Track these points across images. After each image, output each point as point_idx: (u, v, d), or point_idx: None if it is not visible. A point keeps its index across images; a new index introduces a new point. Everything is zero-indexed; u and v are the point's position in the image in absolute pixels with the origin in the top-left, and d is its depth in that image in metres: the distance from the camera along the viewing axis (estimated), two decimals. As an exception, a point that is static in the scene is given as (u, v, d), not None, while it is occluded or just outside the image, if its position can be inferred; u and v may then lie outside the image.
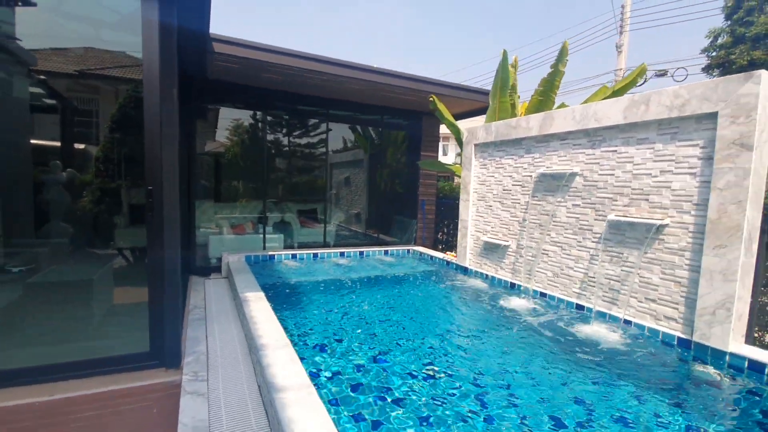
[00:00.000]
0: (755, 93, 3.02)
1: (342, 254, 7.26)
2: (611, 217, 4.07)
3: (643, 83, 14.53)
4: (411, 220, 8.74)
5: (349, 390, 2.83)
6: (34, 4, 4.91)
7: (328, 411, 2.25)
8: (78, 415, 2.68)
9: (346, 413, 2.54)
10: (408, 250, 7.81)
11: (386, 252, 7.63)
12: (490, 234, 5.80)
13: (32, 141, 7.29)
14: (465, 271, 6.17)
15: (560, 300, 4.61)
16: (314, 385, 2.53)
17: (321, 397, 2.41)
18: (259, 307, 4.11)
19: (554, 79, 5.65)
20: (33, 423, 2.57)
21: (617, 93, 5.42)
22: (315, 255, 7.06)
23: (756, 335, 4.14)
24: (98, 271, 4.75)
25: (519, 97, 6.57)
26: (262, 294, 4.53)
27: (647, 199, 3.80)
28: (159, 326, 3.35)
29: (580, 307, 4.37)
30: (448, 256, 6.84)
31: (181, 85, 6.06)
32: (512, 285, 5.28)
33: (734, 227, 3.12)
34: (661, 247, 3.69)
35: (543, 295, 4.85)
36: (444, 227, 8.94)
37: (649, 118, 3.72)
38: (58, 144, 8.05)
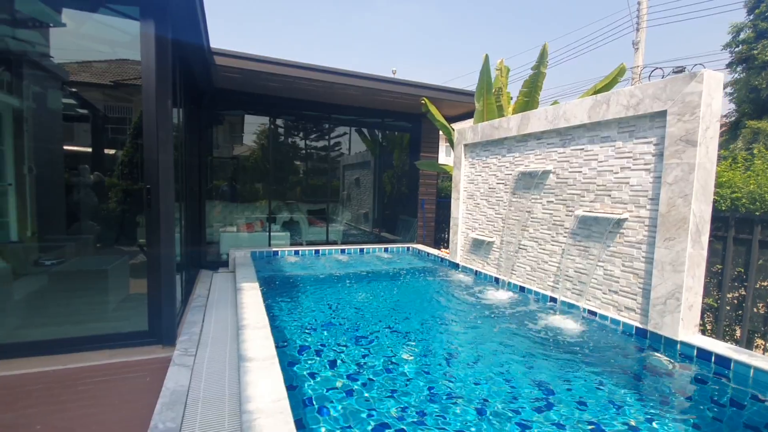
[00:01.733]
0: (699, 92, 3.17)
1: (342, 251, 7.63)
2: (579, 212, 4.25)
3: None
4: (413, 219, 9.02)
5: (324, 362, 3.18)
6: (64, 25, 5.56)
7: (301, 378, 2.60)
8: (86, 381, 3.15)
9: (314, 382, 2.89)
10: (407, 248, 8.10)
11: (386, 249, 7.95)
12: (478, 231, 6.02)
13: (64, 147, 8.08)
14: (455, 266, 6.41)
15: (536, 293, 4.80)
16: (294, 357, 2.90)
17: (295, 365, 2.76)
18: (250, 295, 4.53)
19: (537, 80, 5.82)
20: (48, 387, 3.05)
21: (599, 92, 5.53)
22: (316, 251, 7.46)
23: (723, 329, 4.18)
24: (114, 263, 5.29)
25: (511, 98, 6.74)
26: (256, 284, 4.95)
27: (610, 195, 3.97)
28: (157, 309, 3.80)
29: (553, 300, 4.55)
30: (443, 253, 7.09)
31: (192, 94, 6.62)
32: (496, 279, 5.49)
33: (681, 220, 3.27)
34: (621, 240, 3.84)
35: (522, 288, 5.04)
36: (445, 226, 9.17)
37: (610, 117, 3.89)
38: (88, 149, 8.85)
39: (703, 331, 4.37)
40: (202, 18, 4.05)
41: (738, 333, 4.12)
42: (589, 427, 2.40)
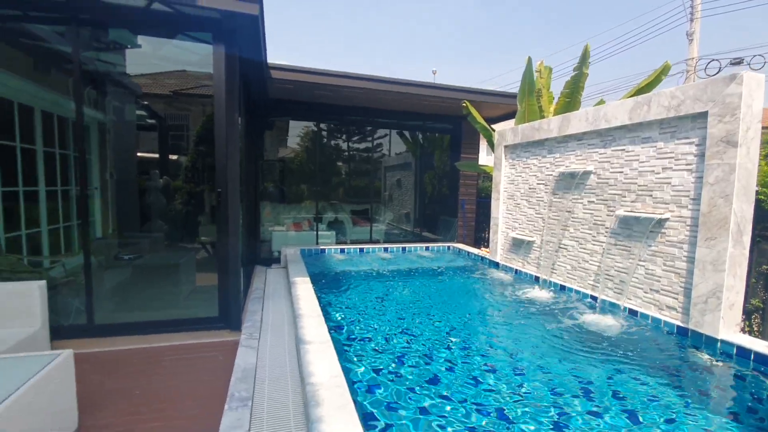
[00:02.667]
0: (738, 93, 3.19)
1: (385, 249, 7.98)
2: (620, 212, 4.31)
3: (717, 73, 13.47)
4: (454, 219, 9.21)
5: (369, 349, 3.53)
6: (140, 46, 6.29)
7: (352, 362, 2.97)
8: (170, 357, 3.69)
9: (363, 366, 3.24)
10: (448, 247, 8.31)
11: (427, 248, 8.20)
12: (518, 230, 6.15)
13: (137, 154, 9.02)
14: (496, 265, 6.56)
15: (577, 291, 4.89)
16: (345, 343, 3.27)
17: (345, 351, 3.13)
18: (303, 288, 4.96)
19: (579, 81, 5.85)
20: (141, 361, 3.61)
21: (642, 90, 5.49)
22: (361, 249, 7.85)
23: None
24: (183, 258, 5.95)
25: (553, 98, 6.78)
26: (307, 279, 5.40)
27: (651, 195, 4.02)
28: (225, 299, 4.31)
29: (594, 298, 4.63)
30: (483, 252, 7.24)
31: (249, 105, 7.21)
32: (536, 278, 5.60)
33: (722, 220, 3.30)
34: (663, 240, 3.89)
35: (563, 287, 5.14)
36: (485, 225, 9.27)
37: (651, 118, 3.94)
38: (156, 155, 9.79)
39: (750, 332, 4.29)
40: (263, 38, 4.52)
41: (791, 336, 4.02)
42: (626, 417, 2.56)
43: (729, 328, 3.38)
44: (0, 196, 4.76)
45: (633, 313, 4.15)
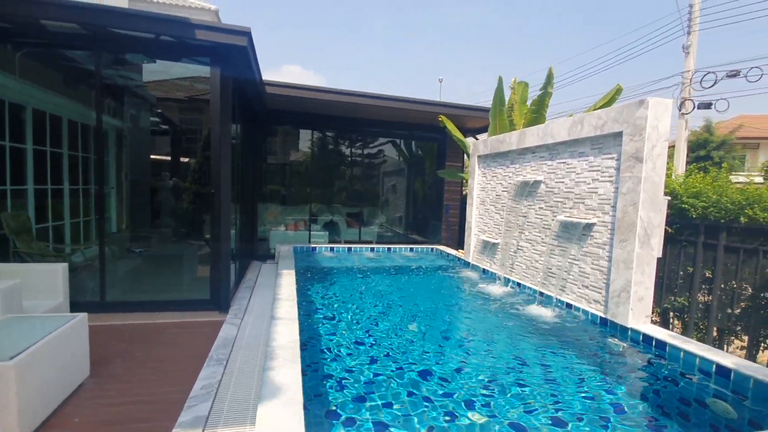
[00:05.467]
0: (645, 116, 3.77)
1: (372, 249, 8.63)
2: (560, 217, 4.89)
3: (713, 85, 13.73)
4: (440, 223, 9.81)
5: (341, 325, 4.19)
6: (155, 61, 7.10)
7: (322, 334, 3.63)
8: (168, 330, 4.39)
9: (332, 338, 3.90)
10: (432, 249, 8.91)
11: (411, 249, 8.82)
12: (487, 234, 6.74)
13: (150, 156, 9.89)
14: (467, 265, 7.15)
15: (529, 288, 5.46)
16: (320, 323, 3.94)
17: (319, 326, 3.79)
18: (287, 279, 5.64)
19: (544, 99, 6.43)
20: (144, 333, 4.32)
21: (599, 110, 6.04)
22: (349, 249, 8.52)
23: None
24: (185, 251, 6.70)
25: (527, 112, 7.35)
26: (293, 272, 6.07)
27: (584, 202, 4.59)
28: (216, 284, 5.02)
29: (541, 294, 5.19)
30: (459, 253, 7.83)
31: (248, 115, 7.96)
32: (500, 277, 6.18)
33: (631, 224, 3.87)
34: (591, 242, 4.46)
35: (519, 284, 5.71)
36: (471, 230, 9.86)
37: (584, 135, 4.53)
38: (168, 158, 10.66)
39: (667, 327, 4.81)
40: (254, 62, 5.24)
41: (715, 331, 4.53)
42: (551, 386, 3.14)
43: (638, 319, 3.93)
44: (33, 193, 5.58)
45: (569, 306, 4.71)
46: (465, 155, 8.81)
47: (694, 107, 13.40)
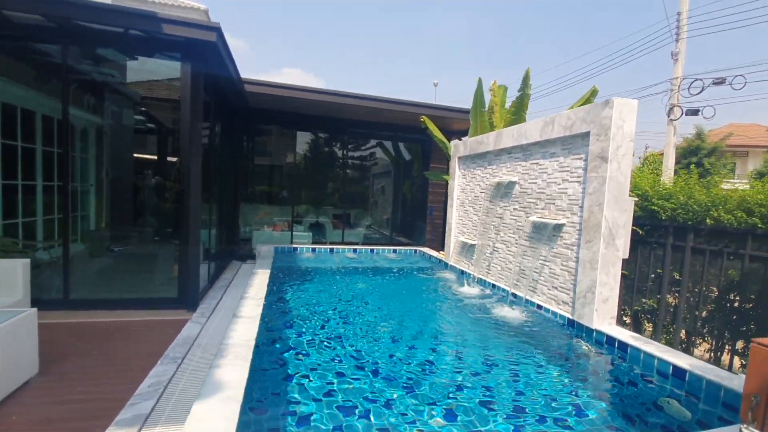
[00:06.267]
0: (610, 116, 3.75)
1: (354, 250, 8.57)
2: (532, 218, 4.86)
3: (700, 92, 13.84)
4: (425, 225, 9.77)
5: (311, 324, 4.13)
6: (136, 59, 7.04)
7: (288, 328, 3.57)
8: (132, 327, 4.32)
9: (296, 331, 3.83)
10: (415, 250, 8.86)
11: (394, 251, 8.77)
12: (466, 235, 6.70)
13: (135, 155, 9.80)
14: (446, 266, 7.10)
15: (503, 289, 5.41)
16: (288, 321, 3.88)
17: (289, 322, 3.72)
18: (260, 278, 5.57)
19: (523, 101, 6.42)
20: (104, 330, 4.25)
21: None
22: (331, 249, 8.46)
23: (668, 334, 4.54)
24: (163, 251, 6.62)
25: (507, 114, 7.35)
26: (268, 271, 6.00)
27: (554, 203, 4.56)
28: (185, 283, 4.95)
29: (514, 295, 5.15)
30: (441, 255, 7.79)
31: (228, 113, 7.90)
32: (477, 278, 6.14)
33: (597, 225, 3.84)
34: (561, 242, 4.42)
35: (494, 286, 5.66)
36: (455, 232, 9.81)
37: (555, 136, 4.50)
38: (154, 157, 10.58)
39: (639, 329, 4.78)
40: (228, 59, 5.21)
41: (683, 333, 4.50)
42: (516, 386, 3.09)
43: (603, 320, 3.89)
44: (1, 188, 5.50)
45: (540, 307, 4.67)
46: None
47: (682, 113, 13.48)
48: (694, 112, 12.63)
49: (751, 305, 3.79)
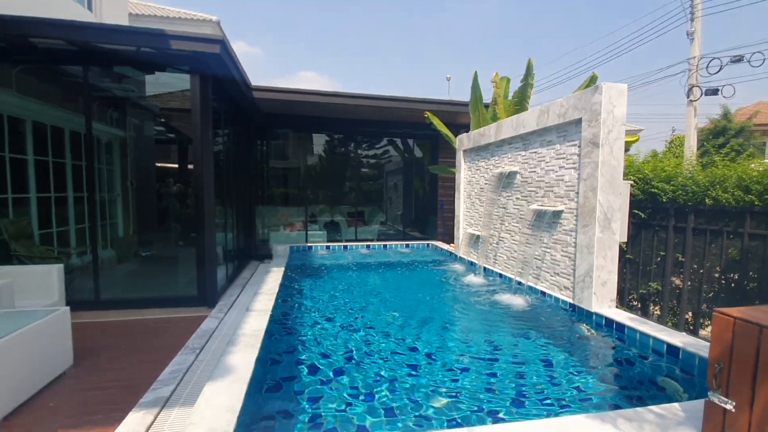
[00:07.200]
0: (600, 102, 3.80)
1: (367, 246, 8.78)
2: (533, 206, 4.93)
3: (718, 71, 13.37)
4: (437, 219, 9.88)
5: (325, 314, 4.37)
6: (152, 74, 7.43)
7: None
8: (153, 326, 4.65)
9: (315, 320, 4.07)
10: (427, 244, 9.00)
11: (407, 245, 8.93)
12: (473, 227, 6.80)
13: (157, 164, 10.29)
14: (456, 258, 7.21)
15: (509, 278, 5.50)
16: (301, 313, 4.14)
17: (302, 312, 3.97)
18: (274, 276, 5.86)
19: (525, 91, 6.45)
20: (131, 327, 4.60)
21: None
22: (345, 247, 8.70)
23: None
24: (188, 253, 7.00)
25: (510, 105, 7.37)
26: (282, 269, 6.30)
27: (553, 191, 4.63)
28: (202, 283, 5.26)
29: (519, 283, 5.24)
30: (451, 247, 7.90)
31: (242, 119, 8.23)
32: (485, 269, 6.24)
33: (592, 209, 3.90)
34: (560, 229, 4.49)
35: (501, 275, 5.76)
36: (467, 225, 9.87)
37: (550, 124, 4.57)
38: (176, 165, 11.06)
39: (646, 313, 4.78)
40: (235, 69, 5.49)
41: (689, 315, 4.49)
42: (523, 366, 3.22)
43: (602, 303, 3.95)
44: (36, 201, 5.98)
45: (543, 294, 4.74)
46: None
47: (701, 94, 13.05)
48: (714, 92, 12.24)
49: (755, 284, 3.77)
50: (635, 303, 5.08)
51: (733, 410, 1.80)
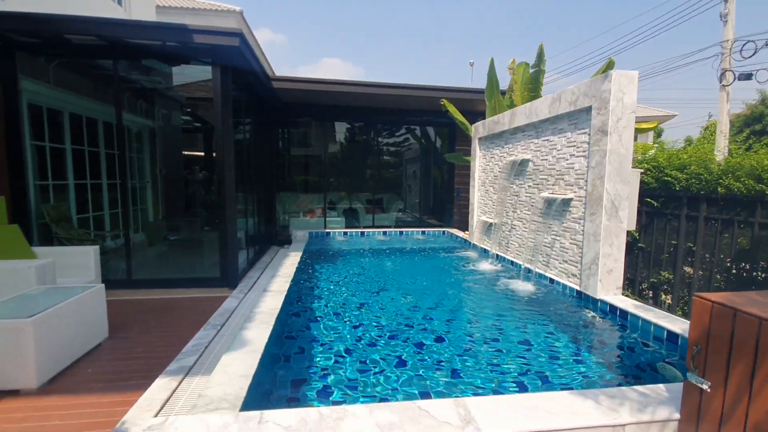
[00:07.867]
0: (609, 89, 3.79)
1: (384, 233, 8.96)
2: (544, 194, 4.96)
3: (753, 54, 12.66)
4: (453, 207, 9.94)
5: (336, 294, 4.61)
6: (179, 65, 7.72)
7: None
8: (181, 303, 5.01)
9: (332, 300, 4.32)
10: (443, 232, 9.10)
11: (423, 232, 9.06)
12: (487, 214, 6.85)
13: (184, 152, 10.72)
14: (470, 245, 7.30)
15: (519, 265, 5.57)
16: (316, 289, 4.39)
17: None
18: (291, 260, 6.13)
19: (538, 77, 6.38)
20: (159, 305, 4.96)
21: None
22: (362, 233, 8.91)
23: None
24: (214, 237, 7.37)
25: (525, 92, 7.29)
26: (300, 253, 6.56)
27: (563, 178, 4.65)
28: (224, 265, 5.58)
29: (529, 271, 5.31)
30: (466, 235, 7.98)
31: (263, 109, 8.48)
32: (497, 256, 6.31)
33: (599, 197, 3.93)
34: (570, 217, 4.52)
35: (512, 262, 5.83)
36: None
37: (562, 111, 4.57)
38: (201, 153, 11.48)
39: (657, 302, 4.77)
40: (254, 60, 5.69)
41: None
42: (525, 349, 3.37)
43: (608, 290, 4.00)
44: (74, 187, 6.43)
45: (552, 281, 4.81)
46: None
47: (734, 78, 12.42)
48: (748, 77, 11.64)
49: (766, 274, 3.73)
50: (647, 292, 5.07)
51: (709, 390, 1.89)
